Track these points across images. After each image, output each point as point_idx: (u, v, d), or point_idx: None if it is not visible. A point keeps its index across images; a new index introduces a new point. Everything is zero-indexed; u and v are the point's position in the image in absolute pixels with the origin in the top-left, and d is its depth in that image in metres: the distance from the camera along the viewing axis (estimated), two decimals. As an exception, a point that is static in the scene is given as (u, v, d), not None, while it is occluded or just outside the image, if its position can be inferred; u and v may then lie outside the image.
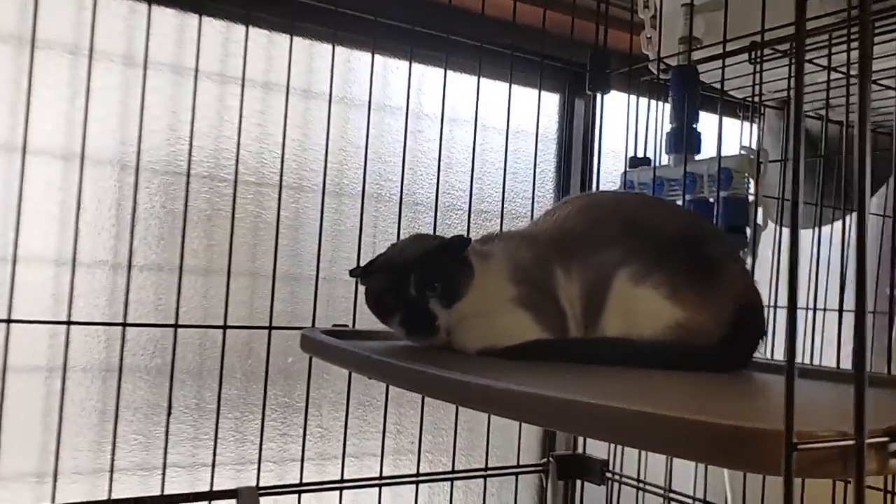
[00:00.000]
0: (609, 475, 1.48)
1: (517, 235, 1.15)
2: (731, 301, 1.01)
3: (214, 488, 1.20)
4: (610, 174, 1.62)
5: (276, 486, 1.24)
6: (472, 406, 0.71)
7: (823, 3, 1.21)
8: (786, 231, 1.67)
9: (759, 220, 1.24)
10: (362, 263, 1.07)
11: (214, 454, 1.22)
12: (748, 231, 1.24)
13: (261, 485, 1.21)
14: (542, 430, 1.60)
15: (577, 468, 1.51)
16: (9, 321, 1.10)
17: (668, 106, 1.38)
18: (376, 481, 1.29)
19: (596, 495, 1.50)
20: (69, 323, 1.13)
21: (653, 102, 1.47)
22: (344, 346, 0.93)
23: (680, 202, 1.31)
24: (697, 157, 1.32)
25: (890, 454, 0.48)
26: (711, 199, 1.27)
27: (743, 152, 1.24)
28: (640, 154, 1.48)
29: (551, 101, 1.68)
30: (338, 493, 1.27)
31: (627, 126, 1.41)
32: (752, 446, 0.46)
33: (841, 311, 1.57)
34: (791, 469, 0.44)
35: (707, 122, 1.41)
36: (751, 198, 1.25)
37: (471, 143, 1.62)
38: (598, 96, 1.51)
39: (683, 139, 1.27)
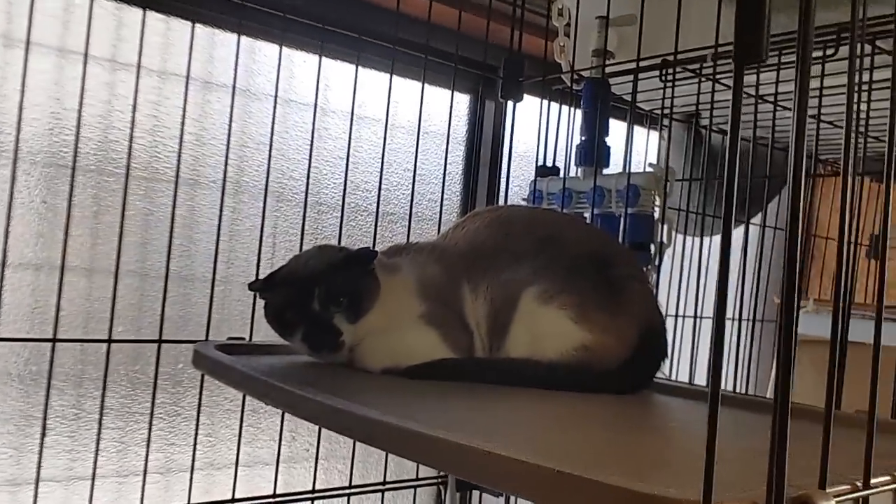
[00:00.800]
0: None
1: (426, 249, 1.11)
2: (636, 324, 1.01)
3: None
4: (518, 179, 1.60)
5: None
6: (353, 437, 0.67)
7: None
8: (689, 239, 1.70)
9: (664, 238, 1.25)
10: (262, 270, 1.02)
11: (95, 467, 1.14)
12: (653, 248, 1.25)
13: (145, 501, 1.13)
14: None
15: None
16: None
17: (579, 114, 1.38)
18: (270, 499, 1.24)
19: (494, 505, 1.50)
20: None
21: (565, 109, 1.47)
22: (237, 367, 0.87)
23: (588, 215, 1.30)
24: (606, 171, 1.32)
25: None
26: (618, 214, 1.27)
27: (650, 169, 1.25)
28: (551, 161, 1.47)
29: (462, 101, 1.65)
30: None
31: (539, 133, 1.39)
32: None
33: (739, 319, 1.62)
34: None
35: (615, 130, 1.41)
36: (657, 215, 1.26)
37: (377, 141, 1.58)
38: (511, 103, 1.49)
39: (594, 152, 1.27)
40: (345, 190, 1.35)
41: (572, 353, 0.99)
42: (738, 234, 1.82)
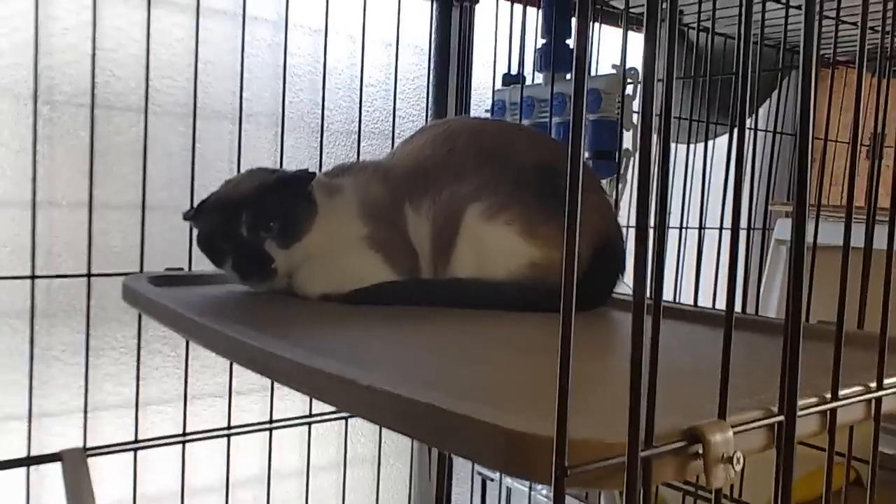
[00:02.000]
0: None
1: (370, 167, 1.06)
2: (589, 236, 0.96)
3: (33, 452, 1.10)
4: (487, 90, 1.52)
5: (106, 445, 1.14)
6: (257, 370, 0.64)
7: None
8: (672, 146, 1.62)
9: (628, 145, 1.18)
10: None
11: (31, 411, 1.12)
12: (617, 156, 1.18)
13: (88, 445, 1.12)
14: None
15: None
16: None
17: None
18: (224, 432, 1.22)
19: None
20: None
21: (530, 11, 1.38)
22: (163, 302, 0.83)
23: (549, 123, 1.23)
24: (568, 77, 1.24)
25: (690, 456, 0.43)
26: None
27: (614, 71, 1.17)
28: (517, 71, 1.38)
29: (423, 9, 1.56)
30: (180, 447, 1.19)
31: (496, 38, 1.30)
32: (524, 456, 0.40)
33: (721, 229, 1.55)
34: (562, 491, 0.38)
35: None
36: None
37: (342, 57, 1.50)
38: (469, 5, 1.40)
39: (551, 55, 1.18)
40: (281, 103, 1.27)
41: (521, 270, 0.94)
42: (725, 139, 1.73)
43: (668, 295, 1.43)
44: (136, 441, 1.15)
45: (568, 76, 1.23)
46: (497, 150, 0.99)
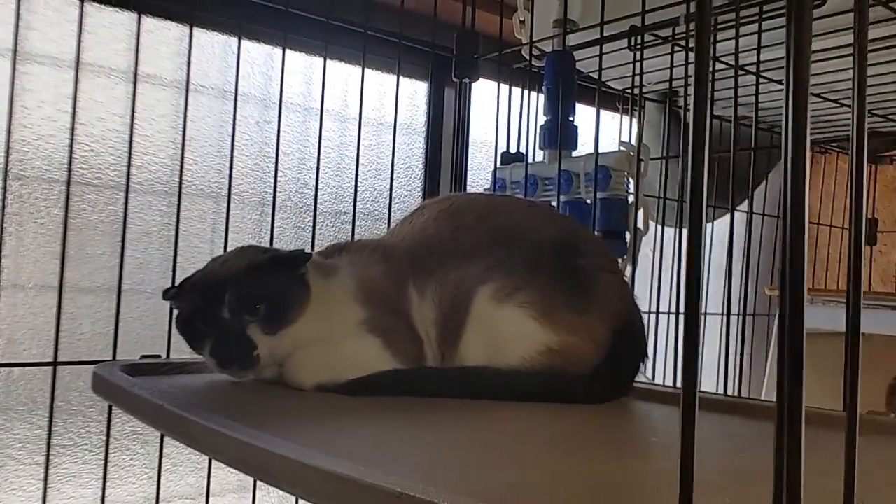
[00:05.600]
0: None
1: (368, 247, 0.98)
2: (609, 320, 0.88)
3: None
4: (483, 170, 1.47)
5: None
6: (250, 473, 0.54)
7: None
8: (668, 230, 1.58)
9: (640, 224, 1.12)
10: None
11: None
12: (628, 236, 1.12)
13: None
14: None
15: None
16: None
17: (542, 97, 1.25)
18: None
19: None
20: None
21: (527, 93, 1.34)
22: (140, 393, 0.73)
23: (554, 203, 1.17)
24: (574, 154, 1.19)
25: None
26: (589, 201, 1.14)
27: (622, 148, 1.12)
28: (515, 150, 1.34)
29: (419, 90, 1.52)
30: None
31: (497, 117, 1.26)
32: None
33: (728, 314, 1.48)
34: None
35: (584, 116, 1.28)
36: (631, 199, 1.12)
37: (329, 135, 1.45)
38: (467, 84, 1.36)
39: (558, 132, 1.13)
40: (270, 185, 1.20)
41: (536, 357, 0.85)
42: (722, 223, 1.69)
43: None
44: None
45: (574, 153, 1.18)
46: (509, 227, 0.92)
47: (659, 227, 1.60)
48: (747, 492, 0.51)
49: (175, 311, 0.88)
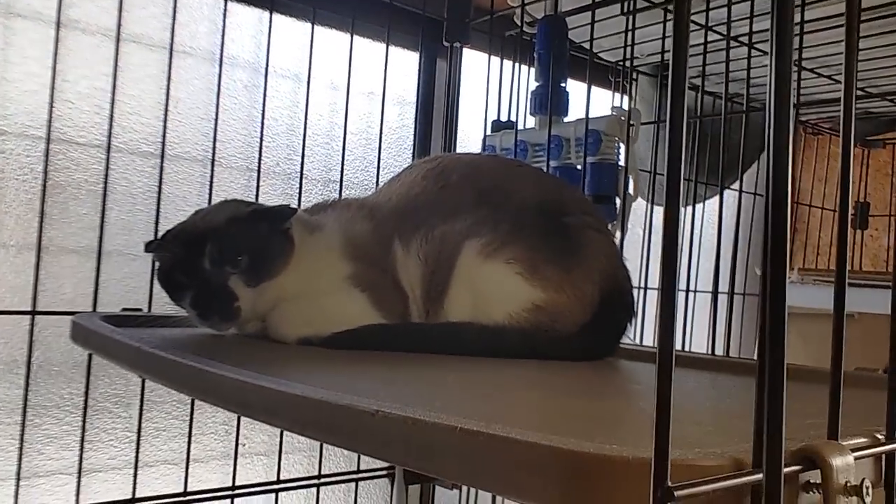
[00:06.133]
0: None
1: (354, 204, 0.97)
2: (596, 279, 0.87)
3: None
4: (473, 141, 1.46)
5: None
6: (227, 406, 0.53)
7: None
8: (658, 210, 1.57)
9: (630, 190, 1.11)
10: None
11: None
12: (618, 202, 1.11)
13: None
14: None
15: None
16: None
17: (534, 66, 1.24)
18: (180, 497, 1.08)
19: (449, 501, 1.35)
20: None
21: (517, 65, 1.33)
22: (115, 338, 0.72)
23: (545, 169, 1.16)
24: (565, 120, 1.18)
25: (801, 487, 0.33)
26: (579, 167, 1.13)
27: (613, 112, 1.11)
28: (505, 119, 1.33)
29: (410, 60, 1.50)
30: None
31: (488, 86, 1.25)
32: (605, 485, 0.30)
33: (715, 293, 1.48)
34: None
35: (577, 87, 1.27)
36: (621, 164, 1.11)
37: (322, 104, 1.44)
38: (459, 50, 1.34)
39: (548, 98, 1.12)
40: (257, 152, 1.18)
41: (522, 314, 0.85)
42: (714, 202, 1.68)
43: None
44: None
45: (564, 119, 1.17)
46: (496, 186, 0.91)
47: (649, 206, 1.59)
48: (731, 422, 0.51)
49: (156, 264, 0.87)
